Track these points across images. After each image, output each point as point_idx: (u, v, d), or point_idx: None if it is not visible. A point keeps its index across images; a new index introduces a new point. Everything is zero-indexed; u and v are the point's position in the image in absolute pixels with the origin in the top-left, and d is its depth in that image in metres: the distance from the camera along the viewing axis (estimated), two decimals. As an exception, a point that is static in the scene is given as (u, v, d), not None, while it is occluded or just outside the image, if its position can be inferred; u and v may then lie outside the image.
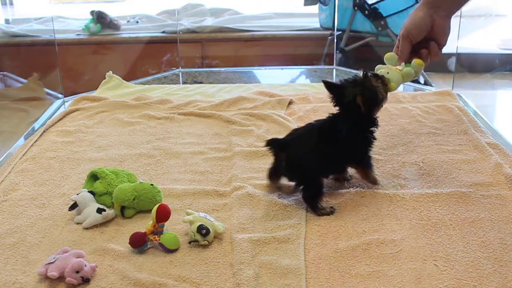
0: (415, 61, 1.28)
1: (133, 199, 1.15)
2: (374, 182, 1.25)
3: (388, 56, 1.32)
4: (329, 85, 1.21)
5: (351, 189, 1.24)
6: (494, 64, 2.88)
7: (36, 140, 1.57)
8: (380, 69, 1.28)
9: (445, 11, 1.28)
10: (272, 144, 1.18)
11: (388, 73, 1.26)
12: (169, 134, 1.60)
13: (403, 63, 1.28)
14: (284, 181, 1.24)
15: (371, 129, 1.22)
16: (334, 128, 1.19)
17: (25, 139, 1.60)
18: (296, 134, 1.21)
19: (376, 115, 1.23)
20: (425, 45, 1.30)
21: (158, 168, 1.39)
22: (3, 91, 2.45)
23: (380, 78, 1.23)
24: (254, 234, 1.07)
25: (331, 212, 1.15)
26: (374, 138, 1.24)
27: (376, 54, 2.84)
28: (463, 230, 1.08)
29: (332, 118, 1.22)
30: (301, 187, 1.18)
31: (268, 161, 1.39)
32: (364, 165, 1.25)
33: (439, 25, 1.28)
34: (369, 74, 1.21)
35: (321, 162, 1.17)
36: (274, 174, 1.23)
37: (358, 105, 1.16)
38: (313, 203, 1.16)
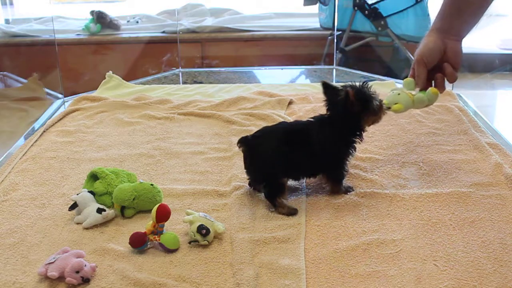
0: (431, 90, 1.27)
1: (133, 199, 1.15)
2: (336, 193, 1.22)
3: (407, 81, 1.31)
4: (325, 86, 1.20)
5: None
6: (494, 64, 2.88)
7: (36, 140, 1.57)
8: (393, 90, 1.29)
9: (454, 35, 1.28)
10: (241, 142, 1.18)
11: (399, 94, 1.27)
12: (169, 134, 1.60)
13: (417, 89, 1.28)
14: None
15: (354, 139, 1.19)
16: (307, 131, 1.17)
17: (25, 139, 1.60)
18: (263, 132, 1.19)
19: (364, 128, 1.20)
20: (440, 70, 1.29)
21: (158, 168, 1.39)
22: (3, 91, 2.45)
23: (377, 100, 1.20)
24: (254, 234, 1.07)
25: (290, 213, 1.14)
26: (354, 150, 1.20)
27: (376, 54, 2.84)
28: (463, 230, 1.08)
29: (311, 121, 1.20)
30: (263, 185, 1.18)
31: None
32: (334, 177, 1.21)
33: (452, 49, 1.28)
34: (370, 85, 1.20)
35: (283, 164, 1.15)
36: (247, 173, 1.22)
37: (349, 103, 1.13)
38: (272, 201, 1.15)
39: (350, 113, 1.15)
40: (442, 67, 1.29)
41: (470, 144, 1.46)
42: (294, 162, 1.15)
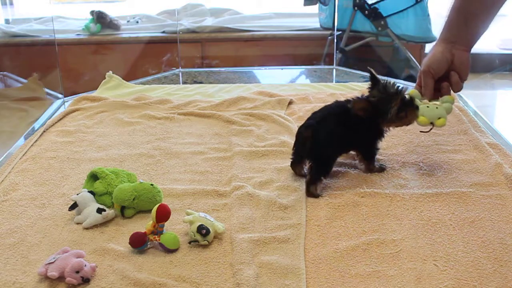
0: (449, 97, 1.28)
1: (133, 199, 1.15)
2: (370, 171, 1.31)
3: (412, 93, 1.29)
4: (372, 76, 1.25)
5: (351, 189, 1.24)
6: (494, 64, 2.88)
7: (36, 140, 1.57)
8: (418, 103, 1.27)
9: (462, 46, 1.27)
10: (308, 127, 1.23)
11: (437, 108, 1.26)
12: (169, 134, 1.60)
13: (441, 99, 1.29)
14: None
15: (379, 128, 1.27)
16: (349, 114, 1.23)
17: (25, 139, 1.60)
18: (319, 117, 1.25)
19: (384, 129, 1.28)
20: (446, 79, 1.29)
21: (158, 168, 1.39)
22: (3, 91, 2.45)
23: (410, 103, 1.25)
24: (254, 234, 1.07)
25: (318, 195, 1.21)
26: (381, 135, 1.29)
27: (376, 54, 2.84)
28: (463, 230, 1.08)
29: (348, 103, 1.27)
30: (315, 165, 1.23)
31: (268, 161, 1.40)
32: (366, 155, 1.31)
33: (459, 59, 1.28)
34: (406, 96, 1.24)
35: (339, 143, 1.25)
36: (297, 160, 1.29)
37: (355, 112, 1.21)
38: (317, 179, 1.22)
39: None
40: (449, 75, 1.29)
41: (470, 144, 1.46)
42: (344, 141, 1.26)
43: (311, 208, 1.17)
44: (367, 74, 1.27)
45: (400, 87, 1.23)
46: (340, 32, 2.77)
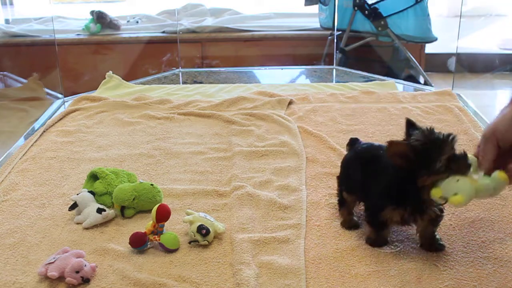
0: (498, 174, 0.92)
1: (133, 199, 1.15)
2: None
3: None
4: (409, 123, 1.01)
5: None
6: (494, 64, 2.89)
7: (36, 140, 1.57)
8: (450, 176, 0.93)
9: None
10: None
11: (458, 180, 0.92)
12: (169, 134, 1.60)
13: (481, 173, 0.95)
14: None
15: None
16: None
17: (25, 139, 1.61)
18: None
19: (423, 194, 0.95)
20: None
21: (158, 168, 1.39)
22: (3, 91, 2.45)
23: (461, 160, 0.93)
24: (254, 234, 1.07)
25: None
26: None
27: (376, 54, 2.84)
28: (463, 230, 1.08)
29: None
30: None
31: (268, 161, 1.40)
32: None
33: None
34: (457, 155, 0.93)
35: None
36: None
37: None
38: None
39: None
40: None
41: (470, 144, 1.46)
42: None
43: (311, 208, 1.17)
44: (368, 74, 1.23)
45: (452, 135, 0.95)
46: (340, 32, 2.77)
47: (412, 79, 2.55)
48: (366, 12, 2.66)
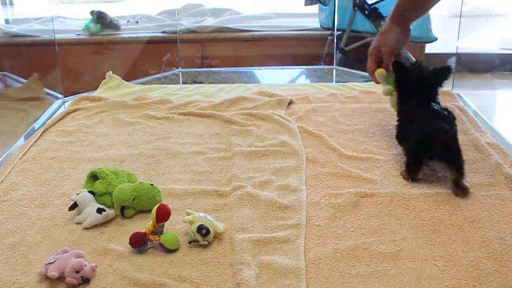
0: (377, 71, 1.50)
1: (133, 199, 1.15)
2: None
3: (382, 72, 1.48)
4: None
5: (351, 189, 1.24)
6: (494, 64, 2.89)
7: (36, 140, 1.57)
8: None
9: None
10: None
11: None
12: (169, 134, 1.60)
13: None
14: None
15: None
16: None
17: (25, 139, 1.60)
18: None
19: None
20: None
21: (158, 168, 1.39)
22: (3, 91, 2.45)
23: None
24: (254, 234, 1.07)
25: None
26: None
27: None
28: (463, 230, 1.08)
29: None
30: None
31: (268, 161, 1.40)
32: None
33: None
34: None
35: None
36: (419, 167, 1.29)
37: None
38: None
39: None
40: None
41: (470, 144, 1.46)
42: None
43: (311, 208, 1.17)
44: (367, 74, 1.28)
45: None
46: (340, 32, 2.77)
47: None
48: (366, 12, 2.67)
